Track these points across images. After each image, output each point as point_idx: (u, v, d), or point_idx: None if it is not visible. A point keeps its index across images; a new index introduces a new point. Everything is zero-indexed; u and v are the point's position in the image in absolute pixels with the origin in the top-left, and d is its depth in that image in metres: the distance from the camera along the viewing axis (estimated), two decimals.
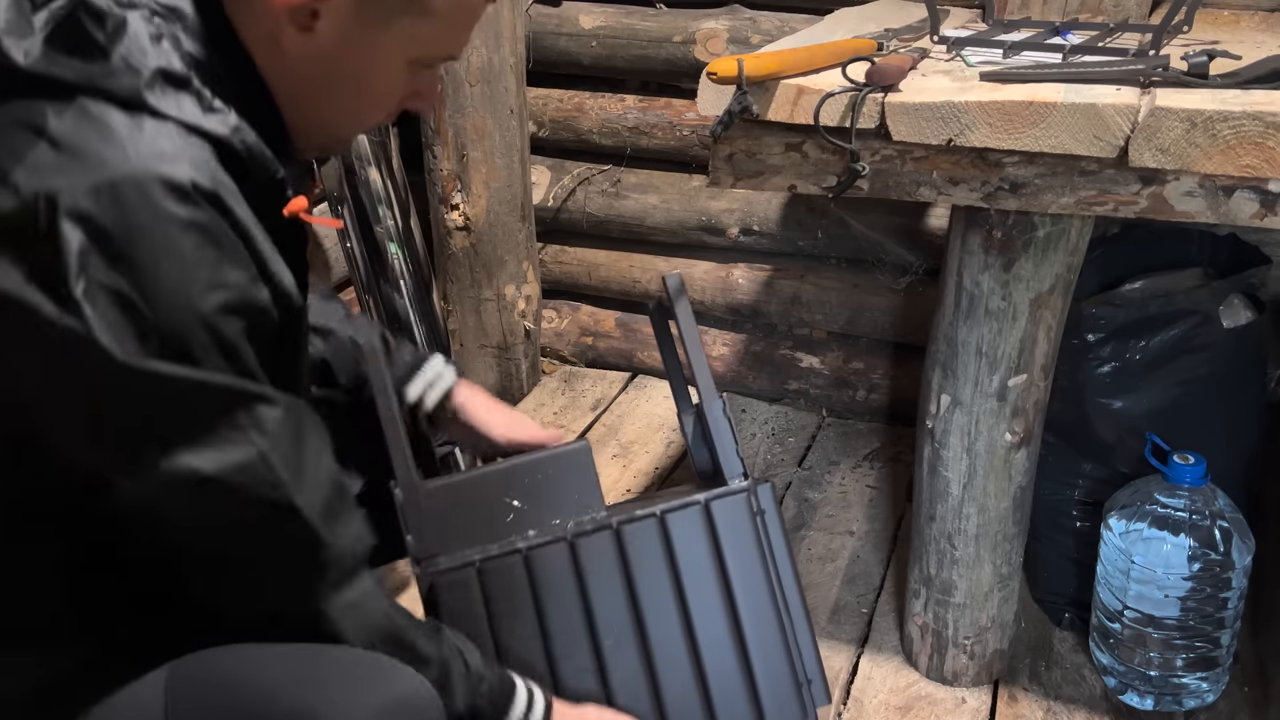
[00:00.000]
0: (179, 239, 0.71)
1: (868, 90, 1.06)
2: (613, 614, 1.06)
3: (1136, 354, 1.43)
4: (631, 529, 1.08)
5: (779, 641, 1.07)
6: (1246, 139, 0.96)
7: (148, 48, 0.74)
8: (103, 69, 0.72)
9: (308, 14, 0.78)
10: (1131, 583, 1.39)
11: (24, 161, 0.70)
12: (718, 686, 1.05)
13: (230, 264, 0.75)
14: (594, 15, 2.12)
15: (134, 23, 0.74)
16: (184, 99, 0.75)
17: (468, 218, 2.08)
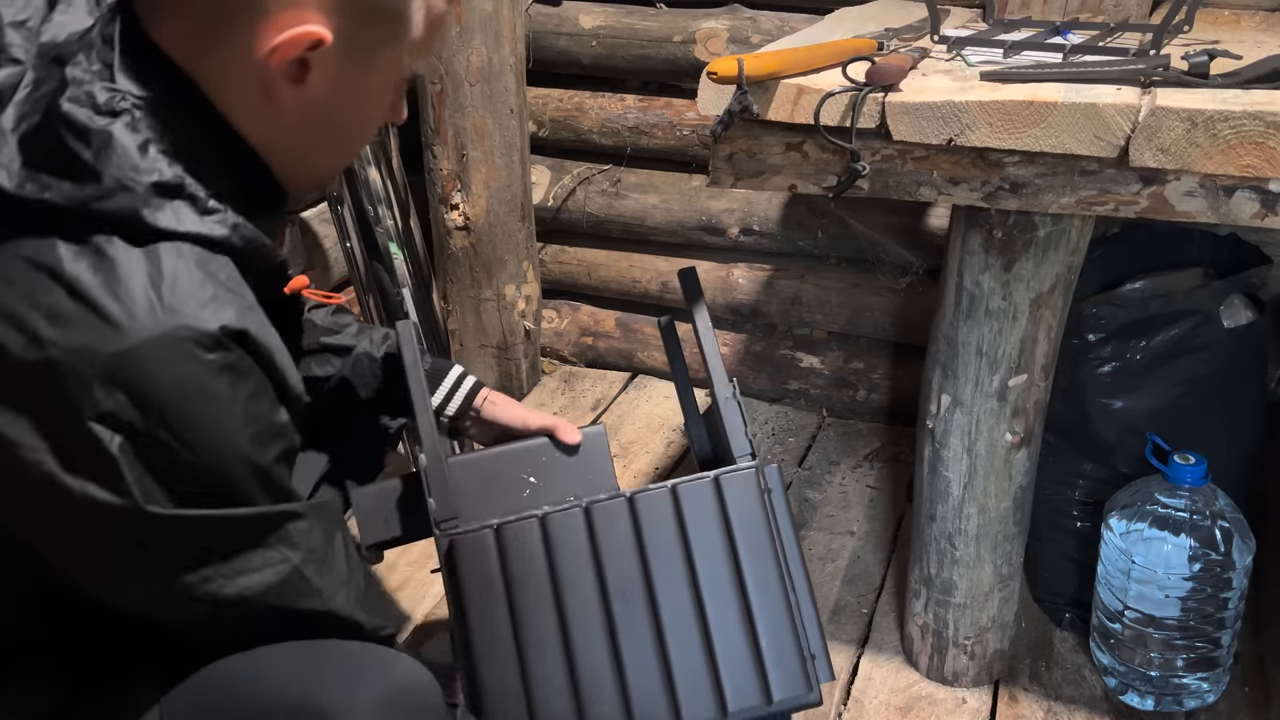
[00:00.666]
0: (213, 386, 0.72)
1: (868, 90, 1.06)
2: (624, 577, 1.08)
3: (1137, 354, 1.43)
4: (644, 498, 1.12)
5: (785, 613, 1.08)
6: (1247, 139, 0.96)
7: (138, 162, 0.72)
8: (96, 191, 0.70)
9: (297, 66, 0.78)
10: (1132, 583, 1.38)
11: (43, 310, 0.69)
12: (724, 652, 1.06)
13: (259, 395, 0.77)
14: (594, 15, 2.12)
15: (119, 135, 0.72)
16: (180, 208, 0.74)
17: (467, 217, 2.08)
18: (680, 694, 1.04)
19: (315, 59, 0.78)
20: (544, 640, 1.05)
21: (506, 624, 1.06)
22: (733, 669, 1.06)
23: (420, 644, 1.59)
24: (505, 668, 1.04)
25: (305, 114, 0.81)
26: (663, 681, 1.05)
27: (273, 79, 0.77)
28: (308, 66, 0.78)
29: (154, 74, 0.75)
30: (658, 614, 1.08)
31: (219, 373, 0.73)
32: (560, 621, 1.06)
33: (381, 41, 0.81)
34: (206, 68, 0.77)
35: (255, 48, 0.75)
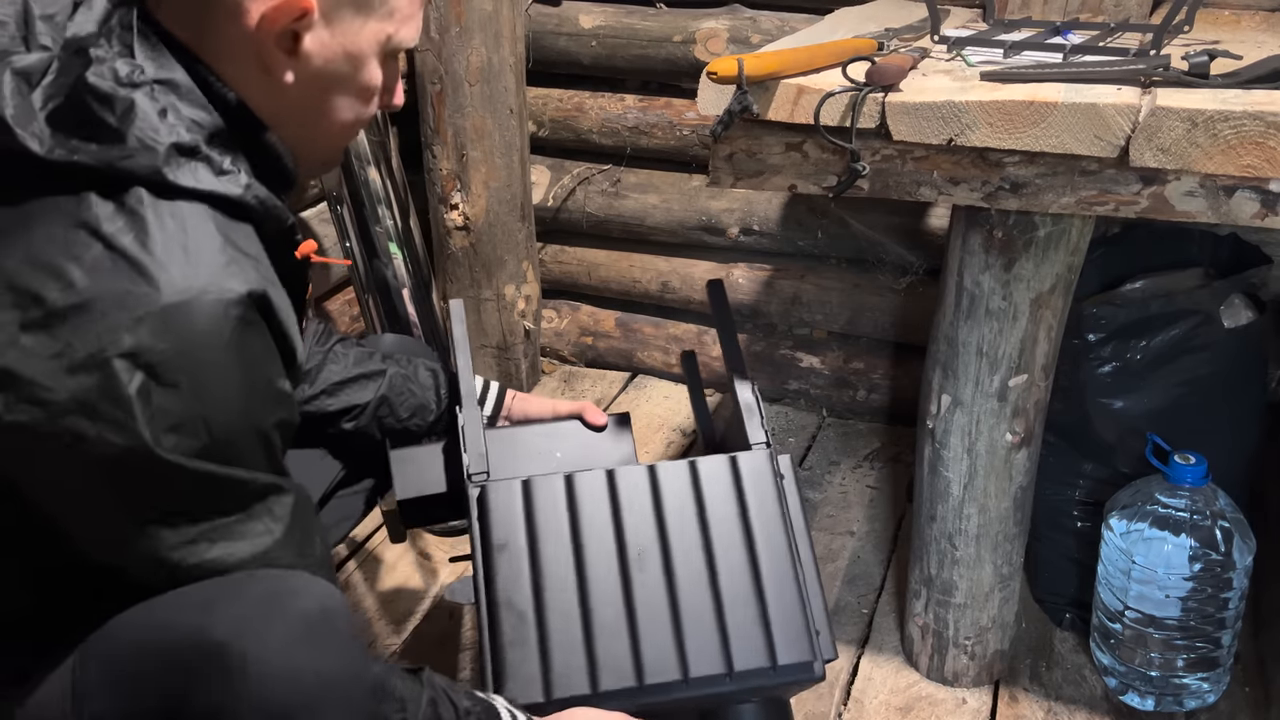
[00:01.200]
0: (234, 342, 0.76)
1: (868, 90, 1.06)
2: (641, 536, 1.14)
3: (1137, 354, 1.43)
4: (665, 466, 1.19)
5: (793, 586, 1.11)
6: (1247, 139, 0.96)
7: (158, 125, 0.77)
8: (121, 151, 0.75)
9: (290, 37, 0.83)
10: (1132, 583, 1.38)
11: (83, 262, 0.73)
12: (733, 614, 1.10)
13: (270, 359, 0.81)
14: (594, 15, 2.12)
15: (141, 102, 0.77)
16: (198, 167, 0.79)
17: (467, 217, 2.08)
18: (688, 649, 1.08)
19: (302, 27, 0.82)
20: (562, 588, 1.10)
21: (527, 569, 1.11)
22: (740, 630, 1.09)
23: (418, 646, 1.59)
24: (523, 610, 1.09)
25: (304, 86, 0.86)
26: (673, 635, 1.08)
27: (268, 51, 0.82)
28: (298, 37, 0.83)
29: (166, 54, 0.81)
30: (671, 573, 1.12)
31: (241, 331, 0.77)
32: (578, 571, 1.11)
33: (363, 10, 0.86)
34: (208, 46, 0.82)
35: (246, 21, 0.80)
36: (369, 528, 1.81)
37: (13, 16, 0.80)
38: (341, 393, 1.24)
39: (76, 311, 0.72)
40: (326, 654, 0.80)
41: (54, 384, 0.72)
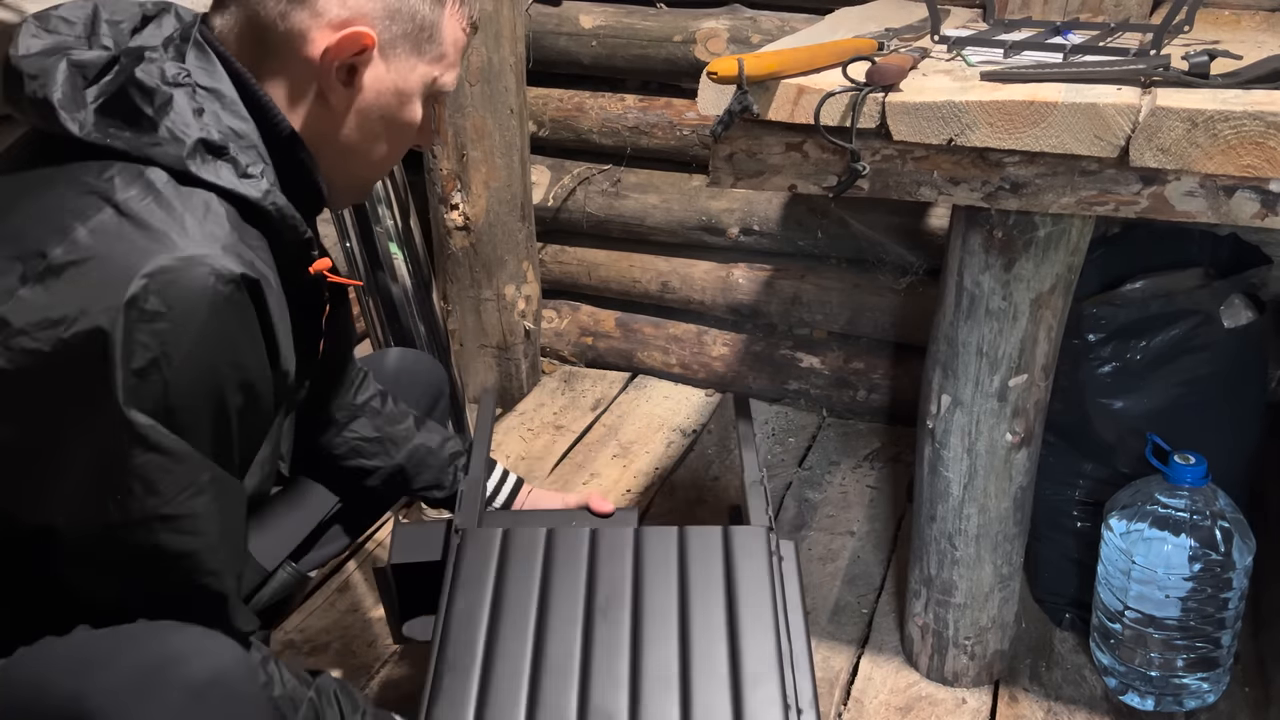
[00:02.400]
0: (222, 313, 0.78)
1: (868, 90, 1.06)
2: (613, 593, 1.10)
3: (1137, 354, 1.43)
4: (651, 531, 1.17)
5: (773, 659, 1.04)
6: (1247, 139, 0.96)
7: (190, 121, 0.82)
8: (151, 140, 0.80)
9: (348, 70, 0.89)
10: (1132, 583, 1.38)
11: (89, 223, 0.76)
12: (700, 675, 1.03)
13: (253, 346, 0.82)
14: (594, 15, 2.12)
15: (179, 99, 0.82)
16: (221, 166, 0.83)
17: (467, 217, 2.08)
18: (642, 707, 1.00)
19: (360, 62, 0.89)
20: (516, 631, 1.06)
21: (487, 608, 1.08)
22: (704, 695, 1.01)
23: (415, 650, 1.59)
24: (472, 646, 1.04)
25: (353, 117, 0.91)
26: (626, 690, 1.01)
27: (327, 80, 0.88)
28: (356, 70, 0.89)
29: (218, 67, 0.86)
30: (638, 628, 1.06)
31: (225, 306, 0.78)
32: (539, 616, 1.07)
33: (416, 52, 0.92)
34: (266, 69, 0.88)
35: (310, 50, 0.86)
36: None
37: (82, 18, 0.85)
38: (359, 456, 1.25)
39: (74, 267, 0.75)
40: None
41: (41, 335, 0.74)
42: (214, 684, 0.78)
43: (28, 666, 0.79)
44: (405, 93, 0.93)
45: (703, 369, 2.29)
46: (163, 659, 0.77)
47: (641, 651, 1.04)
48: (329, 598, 1.65)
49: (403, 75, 0.92)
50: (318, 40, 0.86)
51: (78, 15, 0.86)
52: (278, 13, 0.86)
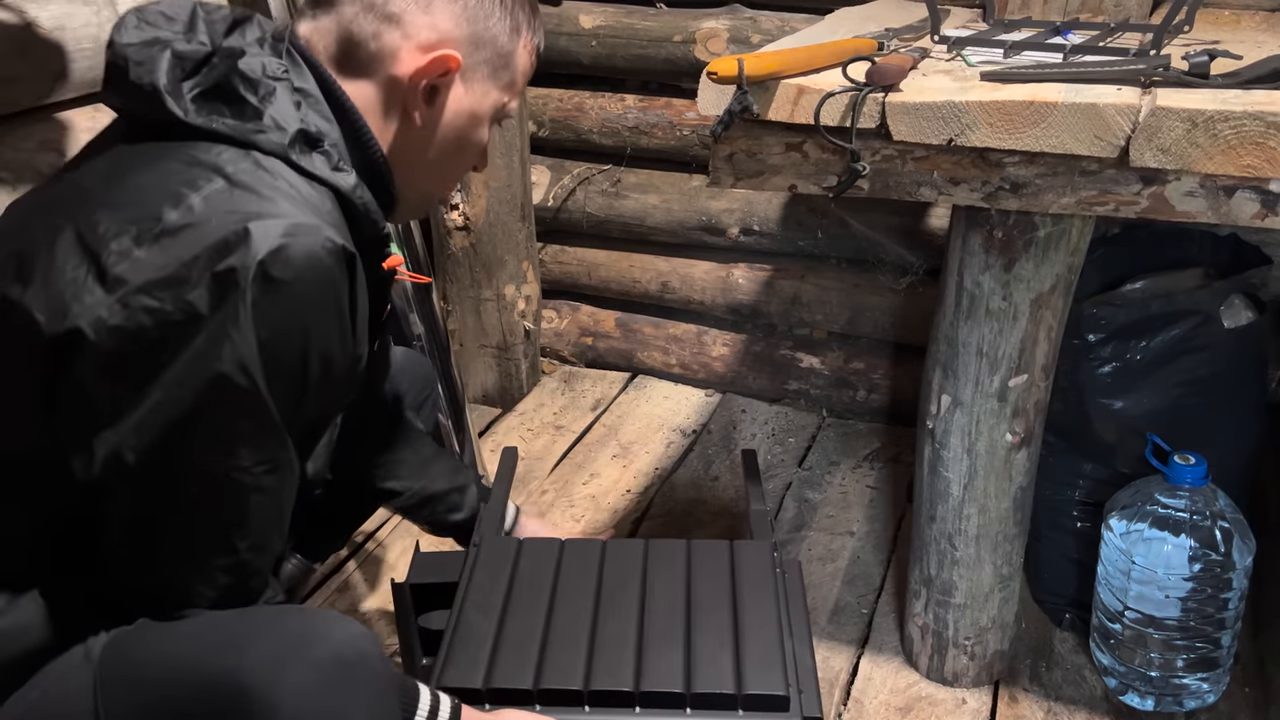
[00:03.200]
0: (327, 288, 0.81)
1: (868, 90, 1.06)
2: (620, 585, 1.15)
3: (1137, 354, 1.43)
4: (658, 543, 1.23)
5: (775, 637, 1.08)
6: (1247, 139, 0.96)
7: (291, 112, 0.86)
8: (256, 126, 0.84)
9: (430, 90, 0.92)
10: (1132, 583, 1.38)
11: (202, 191, 0.80)
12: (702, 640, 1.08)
13: (339, 320, 0.84)
14: (594, 15, 2.12)
15: (281, 91, 0.86)
16: (317, 157, 0.86)
17: (467, 217, 2.08)
18: (645, 662, 1.05)
19: (442, 84, 0.93)
20: (531, 603, 1.12)
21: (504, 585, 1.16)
22: (706, 656, 1.06)
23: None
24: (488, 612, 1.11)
25: (428, 134, 0.95)
26: (633, 650, 1.06)
27: (412, 98, 0.92)
28: (438, 91, 0.93)
29: (306, 72, 0.89)
30: (644, 606, 1.12)
31: (335, 276, 0.82)
32: (551, 594, 1.14)
33: (493, 78, 0.96)
34: (355, 83, 0.92)
35: (401, 67, 0.90)
36: (370, 528, 1.81)
37: (181, 15, 0.89)
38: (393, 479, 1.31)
39: (189, 229, 0.77)
40: (356, 702, 0.80)
41: (160, 294, 0.76)
42: (358, 657, 0.81)
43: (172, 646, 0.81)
44: (478, 116, 0.97)
45: (703, 369, 2.29)
46: (306, 636, 0.81)
47: (647, 624, 1.09)
48: (329, 598, 1.65)
49: (478, 99, 0.96)
50: (407, 60, 0.90)
51: (178, 12, 0.89)
52: (370, 31, 0.90)
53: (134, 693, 0.80)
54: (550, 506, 1.90)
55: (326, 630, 0.82)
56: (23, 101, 1.33)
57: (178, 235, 0.78)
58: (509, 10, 0.95)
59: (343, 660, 0.80)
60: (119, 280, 0.77)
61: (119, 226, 0.78)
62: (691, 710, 1.01)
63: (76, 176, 0.86)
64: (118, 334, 0.77)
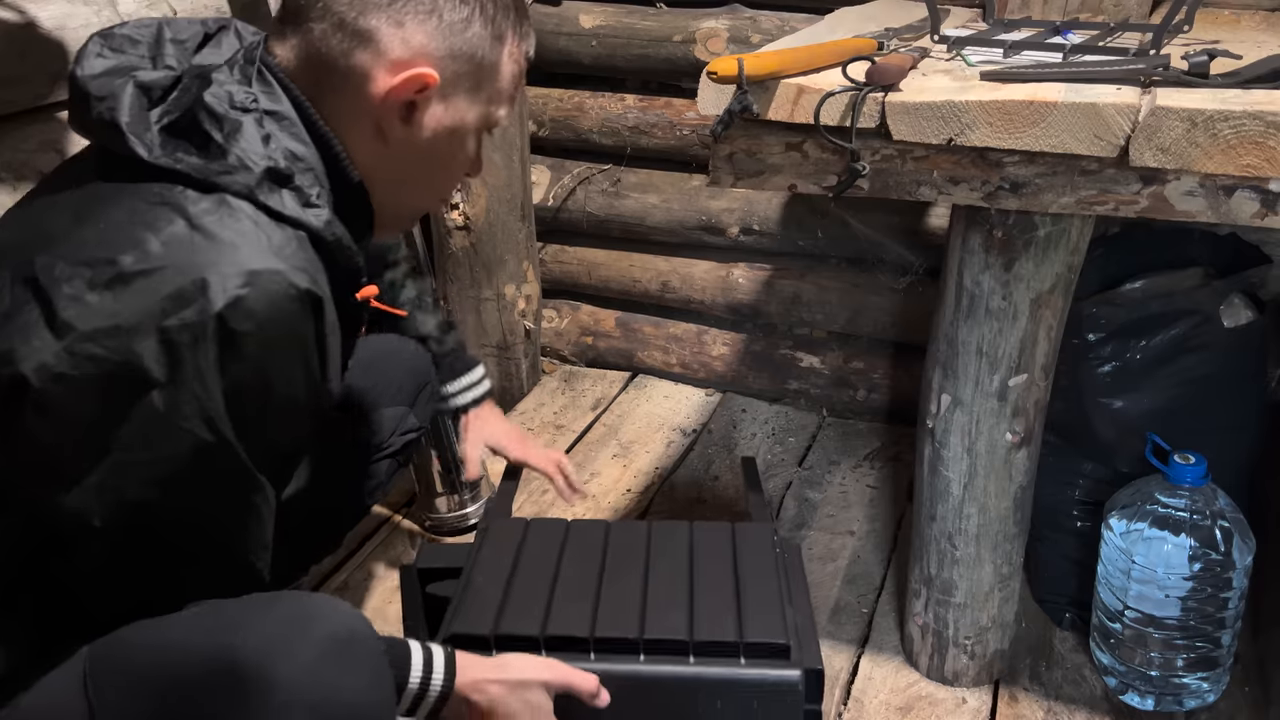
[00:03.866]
0: (293, 325, 0.80)
1: (868, 90, 1.06)
2: (625, 557, 1.18)
3: (1137, 354, 1.43)
4: (662, 523, 1.25)
5: (776, 597, 1.10)
6: (1247, 138, 0.96)
7: (259, 149, 0.83)
8: (221, 166, 0.81)
9: (408, 107, 0.89)
10: (1132, 583, 1.38)
11: (161, 234, 0.77)
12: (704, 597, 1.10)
13: (305, 364, 0.83)
14: (594, 15, 2.12)
15: (247, 126, 0.83)
16: (286, 195, 0.84)
17: (468, 217, 2.08)
18: (649, 613, 1.07)
19: (420, 101, 0.89)
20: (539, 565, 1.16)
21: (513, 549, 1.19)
22: (709, 610, 1.08)
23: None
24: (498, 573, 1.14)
25: (407, 152, 0.91)
26: (638, 603, 1.09)
27: (388, 117, 0.89)
28: (415, 107, 0.89)
29: (279, 93, 0.87)
30: (647, 571, 1.14)
31: (297, 320, 0.80)
32: (558, 560, 1.17)
33: (475, 90, 0.92)
34: (326, 101, 0.88)
35: (374, 86, 0.87)
36: (370, 527, 1.81)
37: (146, 37, 0.86)
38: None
39: (144, 276, 0.75)
40: (354, 679, 0.80)
41: (108, 342, 0.74)
42: (351, 634, 0.82)
43: (162, 634, 0.80)
44: (461, 131, 0.94)
45: (703, 369, 2.29)
46: (300, 617, 0.80)
47: (651, 586, 1.12)
48: None
49: (459, 114, 0.92)
50: (380, 80, 0.87)
51: (143, 34, 0.87)
52: (340, 50, 0.86)
53: (125, 679, 0.79)
54: (551, 505, 1.90)
55: (320, 611, 0.82)
56: (22, 101, 1.33)
57: (132, 283, 0.75)
58: (490, 19, 0.91)
59: (337, 638, 0.80)
60: (67, 326, 0.75)
61: (73, 270, 0.76)
62: (694, 657, 1.03)
63: (40, 213, 0.84)
64: (62, 382, 0.74)
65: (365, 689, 0.81)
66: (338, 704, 0.78)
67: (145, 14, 1.47)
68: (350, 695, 0.79)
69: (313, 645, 0.78)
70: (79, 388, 0.75)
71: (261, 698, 0.75)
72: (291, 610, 0.81)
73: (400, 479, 1.52)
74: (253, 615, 0.80)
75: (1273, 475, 1.57)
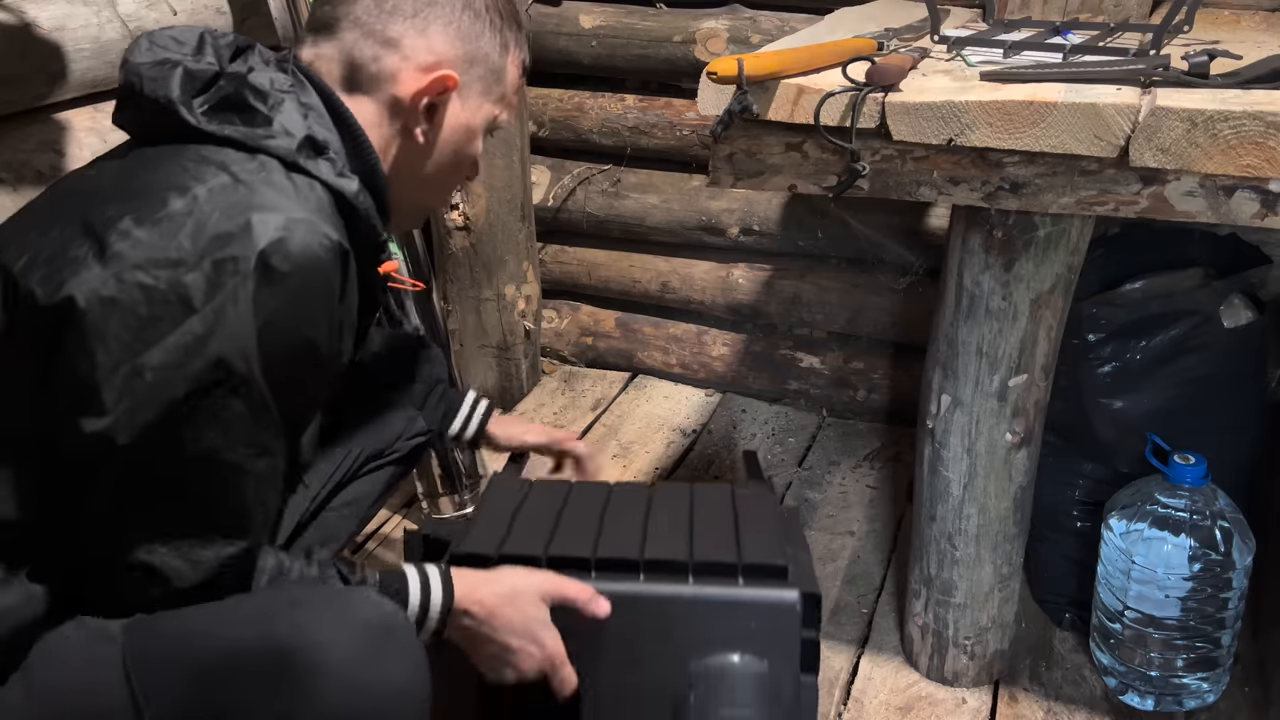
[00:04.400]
0: (321, 279, 0.85)
1: (868, 90, 1.06)
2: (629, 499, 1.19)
3: (1137, 354, 1.43)
4: (663, 486, 1.27)
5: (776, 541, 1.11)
6: (1247, 139, 0.96)
7: (299, 121, 0.90)
8: (265, 132, 0.88)
9: (430, 108, 0.98)
10: (1132, 583, 1.38)
11: (207, 184, 0.84)
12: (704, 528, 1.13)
13: (329, 314, 0.88)
14: (594, 15, 2.12)
15: (289, 102, 0.91)
16: (322, 163, 0.91)
17: (468, 218, 2.08)
18: (649, 538, 1.10)
19: (440, 102, 0.98)
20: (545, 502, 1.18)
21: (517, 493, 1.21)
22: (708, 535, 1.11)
23: None
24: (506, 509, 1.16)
25: (428, 149, 1.00)
26: (639, 530, 1.12)
27: (413, 116, 0.97)
28: (437, 108, 0.98)
29: (309, 89, 0.94)
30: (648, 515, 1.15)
31: (329, 270, 0.85)
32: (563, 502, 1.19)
33: (486, 93, 1.02)
34: (357, 102, 0.96)
35: (401, 88, 0.96)
36: (372, 527, 1.81)
37: (190, 39, 0.94)
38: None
39: (191, 217, 0.81)
40: (393, 664, 0.84)
41: (157, 272, 0.79)
42: (389, 620, 0.86)
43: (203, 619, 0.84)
44: (474, 129, 1.03)
45: (703, 369, 2.29)
46: (339, 605, 0.85)
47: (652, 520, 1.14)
48: None
49: (473, 113, 1.02)
50: (407, 81, 0.96)
51: (187, 36, 0.94)
52: (370, 55, 0.96)
53: (168, 666, 0.83)
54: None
55: (357, 601, 0.87)
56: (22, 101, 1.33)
57: (180, 221, 0.81)
58: (498, 30, 1.01)
59: (374, 625, 0.85)
60: (117, 256, 0.79)
61: (123, 209, 0.82)
62: (694, 578, 1.05)
63: (87, 175, 0.92)
64: (109, 306, 0.79)
65: (403, 673, 0.85)
66: (379, 686, 0.82)
67: (145, 14, 1.48)
68: (390, 678, 0.83)
69: (353, 631, 0.83)
70: (124, 311, 0.79)
71: (309, 680, 0.79)
72: (329, 600, 0.86)
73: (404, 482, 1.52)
74: (293, 604, 0.85)
75: (1273, 475, 1.57)
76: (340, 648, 0.81)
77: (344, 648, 0.81)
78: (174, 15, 1.51)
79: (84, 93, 1.41)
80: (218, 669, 0.81)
